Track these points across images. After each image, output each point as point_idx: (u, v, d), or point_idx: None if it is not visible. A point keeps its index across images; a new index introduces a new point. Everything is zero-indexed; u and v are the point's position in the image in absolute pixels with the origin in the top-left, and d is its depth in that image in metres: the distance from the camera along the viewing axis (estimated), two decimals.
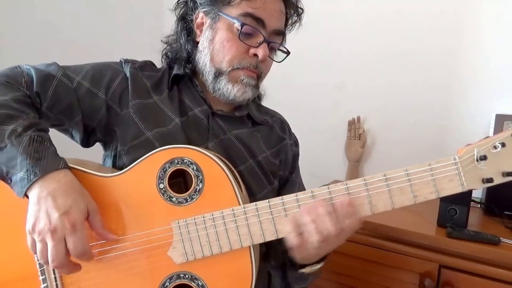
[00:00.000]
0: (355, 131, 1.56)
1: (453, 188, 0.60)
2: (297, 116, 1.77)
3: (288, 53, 0.79)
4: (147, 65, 0.81)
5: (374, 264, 1.11)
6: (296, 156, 0.90)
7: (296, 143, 0.92)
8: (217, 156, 0.66)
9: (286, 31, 0.81)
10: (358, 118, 1.57)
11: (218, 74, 0.74)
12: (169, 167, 0.65)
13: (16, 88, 0.67)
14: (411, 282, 1.06)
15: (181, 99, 0.78)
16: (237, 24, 0.71)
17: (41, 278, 0.67)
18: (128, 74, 0.76)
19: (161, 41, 0.85)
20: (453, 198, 1.10)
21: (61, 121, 0.73)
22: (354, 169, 1.56)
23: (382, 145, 1.56)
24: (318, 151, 1.65)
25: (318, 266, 0.70)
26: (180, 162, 0.65)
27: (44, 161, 0.60)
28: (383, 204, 0.61)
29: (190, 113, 0.77)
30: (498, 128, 1.25)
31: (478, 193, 1.30)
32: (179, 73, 0.78)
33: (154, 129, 0.72)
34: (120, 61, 0.80)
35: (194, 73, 0.80)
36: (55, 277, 0.67)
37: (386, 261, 1.10)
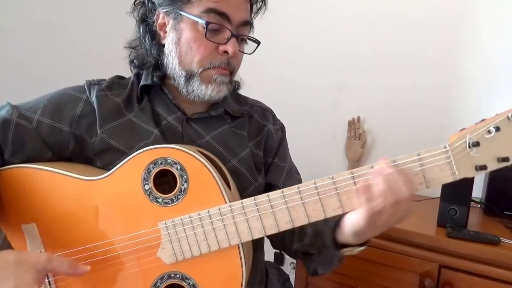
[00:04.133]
0: (355, 131, 1.55)
1: (444, 178, 0.58)
2: (297, 116, 1.78)
3: (258, 42, 0.76)
4: (114, 83, 0.77)
5: (374, 264, 1.10)
6: (281, 140, 0.87)
7: (282, 129, 0.89)
8: (202, 155, 0.66)
9: (253, 19, 0.77)
10: (358, 118, 1.55)
11: (189, 76, 0.72)
12: (153, 168, 0.65)
13: None
14: (411, 282, 1.05)
15: (153, 110, 0.76)
16: (201, 23, 0.68)
17: None
18: (93, 99, 0.73)
19: (124, 47, 0.81)
20: (453, 198, 1.10)
21: (33, 159, 0.70)
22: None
23: (382, 145, 1.55)
24: (318, 151, 1.63)
25: (360, 248, 0.66)
26: (163, 163, 0.65)
27: None
28: None
29: (163, 123, 0.75)
30: None
31: (478, 193, 1.28)
32: (146, 83, 0.76)
33: (136, 145, 0.71)
34: (84, 84, 0.76)
35: (164, 78, 0.77)
36: (49, 281, 0.67)
37: (386, 261, 1.09)
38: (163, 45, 0.74)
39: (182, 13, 0.69)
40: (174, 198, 0.64)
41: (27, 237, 0.68)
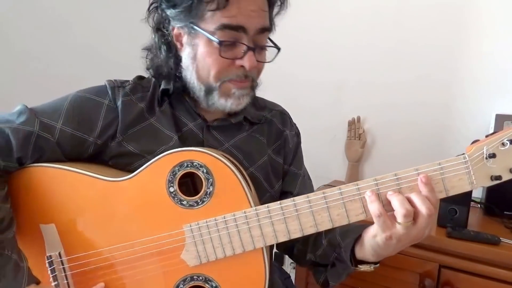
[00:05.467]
0: (355, 131, 1.57)
1: (462, 186, 0.60)
2: (297, 115, 1.77)
3: (278, 48, 0.73)
4: (137, 85, 0.76)
5: None
6: (297, 146, 0.88)
7: (297, 134, 0.90)
8: (227, 158, 0.66)
9: (273, 21, 0.75)
10: (358, 118, 1.58)
11: (208, 91, 0.71)
12: (178, 170, 0.65)
13: None
14: (411, 282, 1.07)
15: (174, 114, 0.75)
16: (215, 41, 0.66)
17: (53, 283, 0.66)
18: (119, 104, 0.71)
19: (142, 49, 0.78)
20: (453, 198, 1.12)
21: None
22: (354, 169, 1.57)
23: (382, 145, 1.58)
24: (318, 151, 1.65)
25: (375, 265, 0.69)
26: (189, 165, 0.65)
27: (4, 283, 0.57)
28: None
29: (184, 129, 0.75)
30: (498, 128, 1.25)
31: (478, 193, 1.31)
32: (168, 88, 0.75)
33: (156, 149, 0.70)
34: (105, 85, 0.74)
35: (184, 89, 0.76)
36: (67, 282, 0.67)
37: (386, 261, 1.08)
38: (180, 57, 0.73)
39: (196, 28, 0.67)
40: (199, 201, 0.65)
41: (46, 237, 0.68)
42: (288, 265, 1.64)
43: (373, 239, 0.63)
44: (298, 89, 1.69)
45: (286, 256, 0.91)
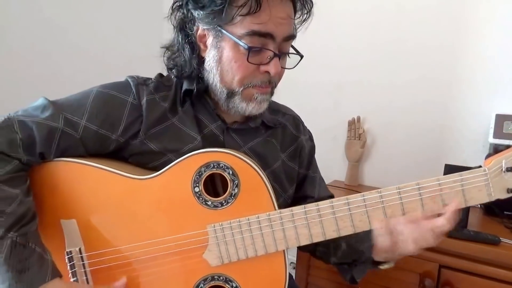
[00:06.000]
0: (355, 131, 1.59)
1: (481, 198, 0.63)
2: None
3: (301, 56, 0.75)
4: (160, 83, 0.75)
5: None
6: (311, 150, 0.90)
7: (311, 138, 0.92)
8: (253, 161, 0.67)
9: (298, 30, 0.76)
10: (358, 118, 1.60)
11: (230, 94, 0.71)
12: (204, 171, 0.65)
13: (5, 160, 0.62)
14: (411, 282, 1.08)
15: (196, 116, 0.75)
16: (243, 47, 0.66)
17: (72, 279, 0.66)
18: (143, 103, 0.71)
19: (161, 47, 0.78)
20: None
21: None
22: (354, 169, 1.59)
23: (382, 145, 1.59)
24: (318, 151, 1.66)
25: (393, 263, 0.73)
26: (216, 166, 0.65)
27: (29, 274, 0.57)
28: (414, 211, 0.64)
29: (206, 131, 0.75)
30: (498, 128, 1.26)
31: None
32: (191, 88, 0.74)
33: (178, 148, 0.71)
34: (128, 82, 0.73)
35: (205, 90, 0.76)
36: (86, 279, 0.67)
37: None
38: (203, 58, 0.73)
39: (223, 31, 0.67)
40: (224, 202, 0.65)
41: (66, 233, 0.67)
42: (288, 265, 1.66)
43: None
44: (298, 89, 1.68)
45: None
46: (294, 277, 1.28)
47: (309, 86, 1.69)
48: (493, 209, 1.23)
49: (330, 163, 1.66)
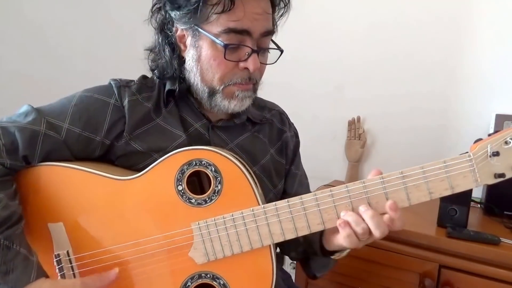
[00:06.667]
0: (355, 131, 1.58)
1: (467, 184, 0.62)
2: (297, 115, 1.77)
3: (281, 50, 0.74)
4: (143, 85, 0.76)
5: (374, 264, 1.12)
6: (296, 147, 0.90)
7: (296, 135, 0.92)
8: (235, 157, 0.67)
9: (276, 24, 0.75)
10: (358, 118, 1.59)
11: (212, 93, 0.72)
12: (187, 169, 0.66)
13: None
14: (411, 282, 1.07)
15: (181, 115, 0.76)
16: (219, 44, 0.66)
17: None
18: (125, 104, 0.71)
19: (144, 50, 0.79)
20: (453, 198, 1.10)
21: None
22: (354, 169, 1.58)
23: (382, 145, 1.58)
24: (318, 151, 1.67)
25: (346, 251, 0.72)
26: (198, 164, 0.66)
27: (13, 276, 0.58)
28: (400, 200, 0.63)
29: (191, 129, 0.76)
30: (498, 128, 1.26)
31: (478, 193, 1.32)
32: (173, 88, 0.75)
33: (163, 148, 0.71)
34: (111, 84, 0.74)
35: (188, 90, 0.77)
36: (73, 274, 0.68)
37: (386, 261, 1.11)
38: (184, 59, 0.74)
39: (200, 30, 0.68)
40: (207, 199, 0.66)
41: (54, 236, 0.68)
42: (288, 265, 1.65)
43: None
44: (299, 89, 1.70)
45: (286, 257, 0.93)
46: (294, 278, 1.27)
47: (310, 86, 1.69)
48: (493, 209, 1.21)
49: (330, 163, 1.66)
